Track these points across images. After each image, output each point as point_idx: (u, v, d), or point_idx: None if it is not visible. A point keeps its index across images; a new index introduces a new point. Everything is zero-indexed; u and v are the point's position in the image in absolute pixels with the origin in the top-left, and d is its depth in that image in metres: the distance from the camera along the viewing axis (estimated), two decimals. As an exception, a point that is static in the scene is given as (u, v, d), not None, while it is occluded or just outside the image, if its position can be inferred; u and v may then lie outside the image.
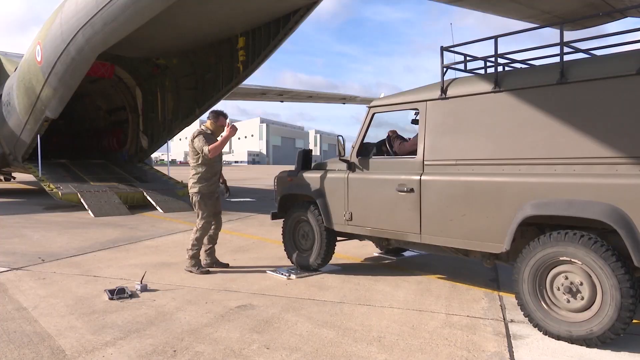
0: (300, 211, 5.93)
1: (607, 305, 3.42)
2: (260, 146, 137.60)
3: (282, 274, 5.59)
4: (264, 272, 5.77)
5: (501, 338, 3.74)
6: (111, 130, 18.92)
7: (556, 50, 3.97)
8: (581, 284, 3.59)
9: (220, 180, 6.22)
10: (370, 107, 5.34)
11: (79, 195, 11.92)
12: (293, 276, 5.52)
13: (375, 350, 3.50)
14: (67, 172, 14.24)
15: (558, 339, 3.66)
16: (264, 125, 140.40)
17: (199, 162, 5.86)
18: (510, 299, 4.75)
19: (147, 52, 14.47)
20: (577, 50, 4.16)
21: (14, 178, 23.98)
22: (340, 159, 5.51)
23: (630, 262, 3.37)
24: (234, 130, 5.76)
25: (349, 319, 4.15)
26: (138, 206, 12.63)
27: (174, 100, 15.54)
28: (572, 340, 3.59)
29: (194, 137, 5.88)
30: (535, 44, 4.23)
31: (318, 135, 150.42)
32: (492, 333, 3.84)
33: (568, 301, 3.67)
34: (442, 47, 4.56)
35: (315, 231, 5.72)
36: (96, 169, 15.41)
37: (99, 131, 19.74)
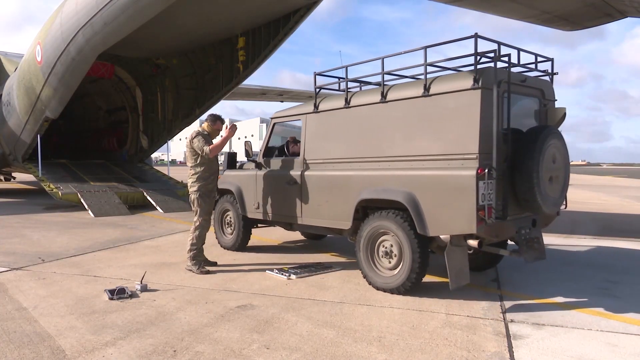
0: (225, 203, 7.19)
1: (405, 262, 4.76)
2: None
3: (282, 274, 5.60)
4: (264, 272, 5.77)
5: (501, 338, 3.74)
6: (111, 130, 18.91)
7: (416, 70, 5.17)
8: (394, 248, 4.92)
9: None
10: (272, 119, 6.76)
11: (79, 195, 11.93)
12: (293, 276, 5.52)
13: (375, 350, 3.51)
14: (67, 172, 14.23)
15: (383, 291, 4.91)
16: (264, 125, 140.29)
17: (197, 162, 6.00)
18: (510, 299, 4.75)
19: (147, 52, 14.45)
20: (400, 77, 5.44)
21: (14, 178, 23.99)
22: (249, 160, 6.95)
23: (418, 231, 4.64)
24: (233, 130, 5.97)
25: (349, 319, 4.16)
26: (138, 206, 12.63)
27: (174, 100, 15.52)
28: (389, 290, 4.87)
29: (192, 138, 6.02)
30: (535, 43, 4.31)
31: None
32: (492, 333, 3.84)
33: (386, 261, 5.00)
34: (315, 72, 5.96)
35: (235, 219, 6.98)
36: (96, 169, 15.40)
37: (99, 131, 19.72)
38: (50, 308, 4.38)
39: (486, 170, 4.17)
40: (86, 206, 11.51)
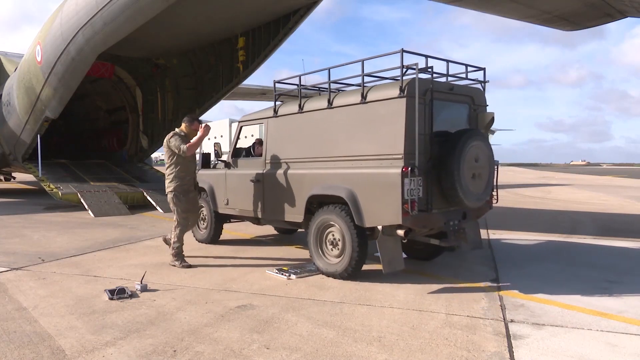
0: (200, 200, 7.55)
1: (348, 250, 5.32)
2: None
3: (282, 274, 5.60)
4: (264, 272, 5.77)
5: (501, 338, 3.74)
6: (111, 130, 18.90)
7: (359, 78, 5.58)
8: (338, 238, 5.46)
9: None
10: (239, 122, 7.34)
11: (79, 195, 11.93)
12: (293, 276, 5.52)
13: (375, 350, 3.50)
14: (67, 172, 14.21)
15: (327, 276, 5.48)
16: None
17: (172, 161, 6.21)
18: (510, 299, 4.75)
19: (147, 52, 14.45)
20: (346, 85, 6.06)
21: (14, 178, 23.99)
22: (219, 160, 7.60)
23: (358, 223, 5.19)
24: (207, 129, 6.23)
25: (349, 319, 4.15)
26: (138, 206, 12.63)
27: (174, 100, 15.52)
28: (334, 275, 5.43)
29: (169, 138, 6.23)
30: (535, 43, 4.38)
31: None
32: (492, 333, 3.84)
33: (332, 250, 5.56)
34: (274, 80, 6.64)
35: (208, 214, 7.59)
36: (96, 169, 15.39)
37: (99, 131, 19.72)
38: (50, 308, 4.38)
39: (409, 169, 4.73)
40: (86, 206, 11.51)
